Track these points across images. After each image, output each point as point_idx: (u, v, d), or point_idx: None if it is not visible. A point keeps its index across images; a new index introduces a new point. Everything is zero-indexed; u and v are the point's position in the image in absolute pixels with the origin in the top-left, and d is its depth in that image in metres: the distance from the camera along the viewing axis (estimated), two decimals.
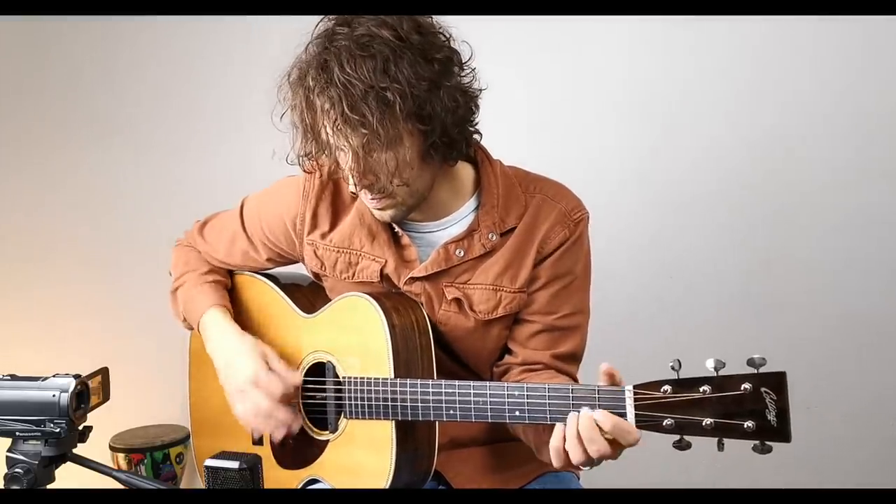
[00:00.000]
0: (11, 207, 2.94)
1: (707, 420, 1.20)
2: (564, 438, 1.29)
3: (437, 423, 1.46)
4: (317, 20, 1.40)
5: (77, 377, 1.19)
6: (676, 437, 1.22)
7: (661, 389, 1.22)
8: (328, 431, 1.54)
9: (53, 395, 1.17)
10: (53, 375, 1.19)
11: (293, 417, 1.51)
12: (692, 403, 1.21)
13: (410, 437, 1.46)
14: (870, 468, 2.47)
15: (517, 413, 1.35)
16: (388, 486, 1.44)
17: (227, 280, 1.72)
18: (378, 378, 1.45)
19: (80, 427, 1.20)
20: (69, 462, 1.20)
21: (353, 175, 1.40)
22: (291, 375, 1.52)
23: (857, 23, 2.35)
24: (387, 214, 1.48)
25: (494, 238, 1.50)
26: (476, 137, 1.50)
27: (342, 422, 1.51)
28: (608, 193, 2.47)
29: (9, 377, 1.20)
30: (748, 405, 1.18)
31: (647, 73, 2.55)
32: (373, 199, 1.44)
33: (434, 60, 1.36)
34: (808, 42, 2.44)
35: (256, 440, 1.61)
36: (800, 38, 2.44)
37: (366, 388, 1.46)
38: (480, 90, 1.46)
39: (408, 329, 1.47)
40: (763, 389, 1.17)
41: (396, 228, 1.53)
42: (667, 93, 2.54)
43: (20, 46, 2.89)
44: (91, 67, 2.89)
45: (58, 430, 1.16)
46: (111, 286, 2.93)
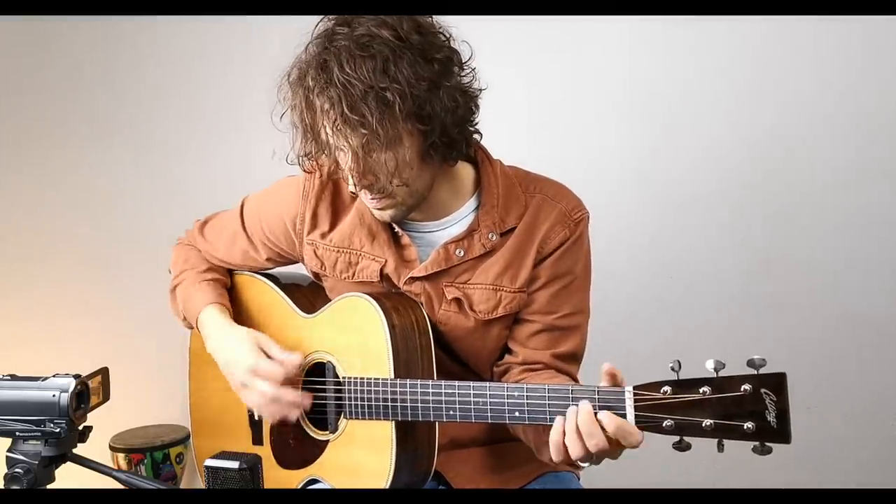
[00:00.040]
0: (11, 207, 2.94)
1: (707, 421, 1.20)
2: (564, 433, 1.28)
3: (437, 424, 1.46)
4: (317, 20, 1.40)
5: (77, 377, 1.19)
6: (676, 439, 1.22)
7: (661, 390, 1.22)
8: (328, 431, 1.54)
9: (53, 395, 1.17)
10: (53, 375, 1.19)
11: (301, 396, 1.50)
12: (692, 404, 1.20)
13: (410, 438, 1.46)
14: (870, 468, 2.46)
15: (517, 414, 1.35)
16: (388, 487, 1.44)
17: (226, 278, 1.72)
18: (378, 378, 1.45)
19: (80, 427, 1.20)
20: (69, 462, 1.20)
21: (353, 175, 1.40)
22: (289, 357, 1.51)
23: (857, 23, 2.35)
24: (387, 214, 1.48)
25: (494, 238, 1.49)
26: (476, 137, 1.50)
27: (342, 422, 1.51)
28: (608, 193, 2.47)
29: (9, 377, 1.20)
30: (748, 406, 1.18)
31: (647, 73, 2.55)
32: (372, 199, 1.44)
33: (434, 60, 1.36)
34: (808, 42, 2.44)
35: (276, 422, 1.56)
36: (800, 38, 2.44)
37: (365, 389, 1.46)
38: (480, 90, 1.46)
39: (408, 329, 1.47)
40: (763, 390, 1.17)
41: (396, 228, 1.53)
42: (667, 93, 2.54)
43: (20, 46, 2.89)
44: (91, 67, 2.89)
45: (58, 430, 1.16)
46: (111, 286, 2.93)
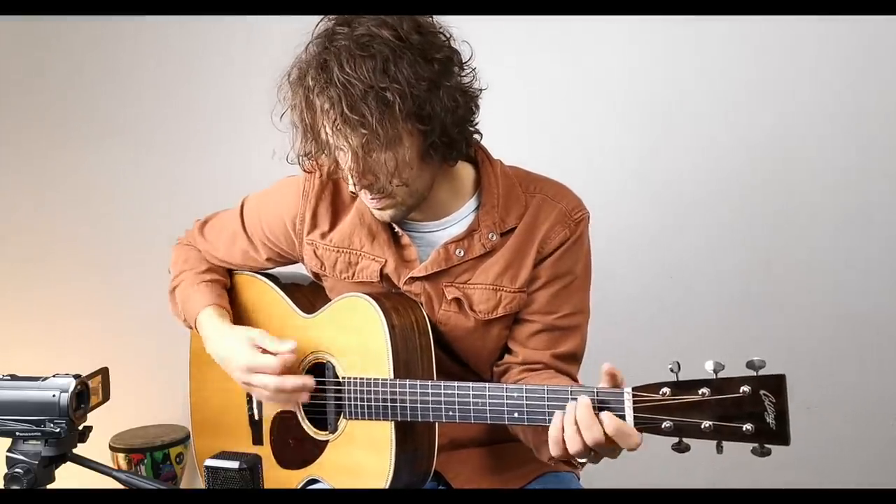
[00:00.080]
0: (11, 207, 2.94)
1: (706, 423, 1.19)
2: (563, 428, 1.28)
3: (437, 424, 1.46)
4: (317, 20, 1.40)
5: (77, 377, 1.19)
6: (675, 440, 1.22)
7: (660, 392, 1.22)
8: (328, 431, 1.54)
9: (53, 395, 1.17)
10: (53, 375, 1.19)
11: (303, 379, 1.49)
12: (691, 406, 1.20)
13: (410, 438, 1.46)
14: (870, 468, 2.46)
15: (516, 415, 1.34)
16: (388, 487, 1.44)
17: (226, 279, 1.72)
18: (377, 379, 1.45)
19: (80, 427, 1.20)
20: (69, 462, 1.20)
21: (353, 175, 1.40)
22: (282, 346, 1.50)
23: (857, 23, 2.35)
24: (387, 214, 1.48)
25: (494, 238, 1.49)
26: (476, 137, 1.50)
27: (342, 422, 1.51)
28: (608, 193, 2.47)
29: (9, 377, 1.20)
30: (747, 408, 1.17)
31: (647, 73, 2.55)
32: (372, 199, 1.44)
33: (434, 60, 1.36)
34: (808, 42, 2.44)
35: (289, 408, 1.55)
36: (800, 38, 2.44)
37: (365, 389, 1.46)
38: (481, 90, 1.46)
39: (407, 329, 1.47)
40: (762, 392, 1.17)
41: (396, 228, 1.53)
42: (667, 93, 2.54)
43: (20, 46, 2.89)
44: (91, 67, 2.89)
45: (58, 430, 1.16)
46: (111, 286, 2.92)
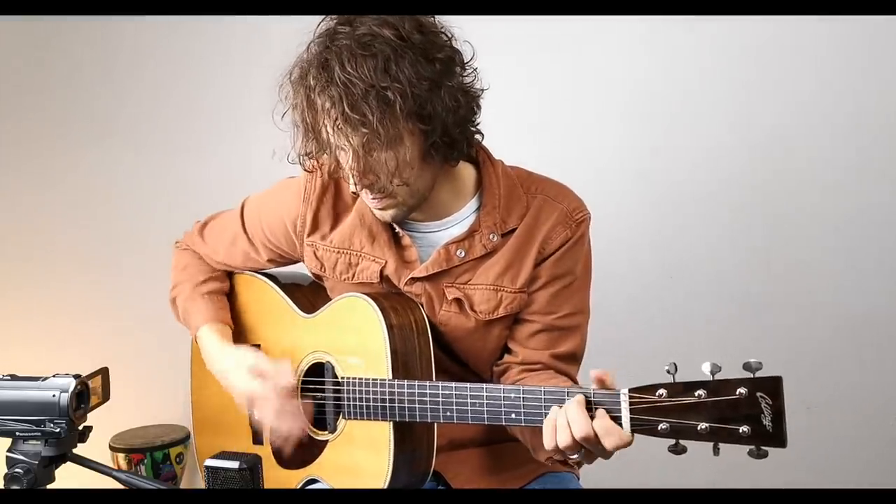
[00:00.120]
0: (11, 207, 2.94)
1: (702, 424, 1.19)
2: (556, 419, 1.28)
3: (436, 424, 1.46)
4: (318, 20, 1.40)
5: (77, 377, 1.19)
6: (672, 442, 1.22)
7: (657, 393, 1.21)
8: (327, 431, 1.54)
9: (53, 395, 1.17)
10: (53, 375, 1.19)
11: (300, 408, 1.51)
12: (687, 407, 1.20)
13: (408, 438, 1.46)
14: (870, 468, 2.46)
15: (513, 415, 1.34)
16: (387, 487, 1.44)
17: (225, 283, 1.72)
18: (376, 379, 1.45)
19: (80, 427, 1.20)
20: (69, 462, 1.20)
21: (354, 174, 1.40)
22: (280, 373, 1.51)
23: (858, 23, 2.35)
24: (387, 214, 1.47)
25: (495, 238, 1.49)
26: (477, 138, 1.50)
27: (341, 422, 1.51)
28: (609, 193, 2.46)
29: (9, 377, 1.20)
30: (743, 410, 1.17)
31: (648, 73, 2.55)
32: (373, 199, 1.44)
33: (435, 60, 1.36)
34: (808, 42, 2.44)
35: (279, 434, 1.56)
36: (800, 38, 2.44)
37: (363, 389, 1.46)
38: (482, 90, 1.46)
39: (406, 329, 1.47)
40: (759, 394, 1.16)
41: (397, 229, 1.52)
42: (667, 93, 2.54)
43: (20, 46, 2.89)
44: (91, 67, 2.89)
45: (58, 430, 1.16)
46: (111, 286, 2.93)
